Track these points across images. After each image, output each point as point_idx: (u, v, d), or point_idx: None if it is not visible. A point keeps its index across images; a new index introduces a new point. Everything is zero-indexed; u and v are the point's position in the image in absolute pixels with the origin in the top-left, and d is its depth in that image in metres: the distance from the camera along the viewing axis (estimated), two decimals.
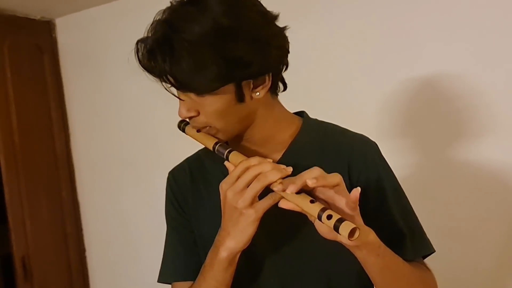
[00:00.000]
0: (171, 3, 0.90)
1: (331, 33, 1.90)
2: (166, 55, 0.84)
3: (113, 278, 2.52)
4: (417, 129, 1.80)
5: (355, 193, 0.80)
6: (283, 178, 0.83)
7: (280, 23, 0.92)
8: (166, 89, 0.89)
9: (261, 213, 0.85)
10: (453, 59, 1.70)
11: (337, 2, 1.89)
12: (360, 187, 0.81)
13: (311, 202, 0.80)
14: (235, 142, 0.97)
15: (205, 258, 0.92)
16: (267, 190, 0.85)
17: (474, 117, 1.69)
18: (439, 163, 1.76)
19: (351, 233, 0.76)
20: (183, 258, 1.04)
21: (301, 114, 1.05)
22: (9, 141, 2.28)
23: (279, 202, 0.83)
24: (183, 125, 0.99)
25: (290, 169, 0.84)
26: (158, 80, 0.88)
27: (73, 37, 2.50)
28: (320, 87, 1.93)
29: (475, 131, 1.69)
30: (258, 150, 0.98)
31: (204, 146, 0.98)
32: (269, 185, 0.83)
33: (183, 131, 0.99)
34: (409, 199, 1.02)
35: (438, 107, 1.75)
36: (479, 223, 1.71)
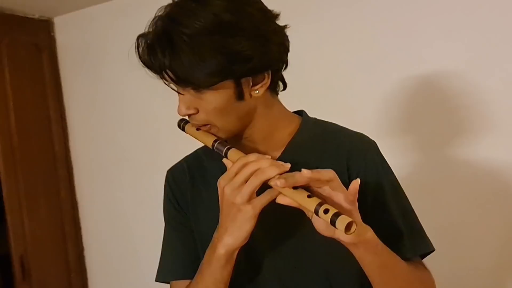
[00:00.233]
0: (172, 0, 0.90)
1: (330, 33, 1.90)
2: (165, 49, 0.84)
3: (112, 277, 2.52)
4: (416, 128, 1.80)
5: (355, 185, 0.80)
6: (281, 174, 0.82)
7: (280, 22, 0.92)
8: (166, 84, 0.89)
9: (259, 209, 0.85)
10: (452, 58, 1.70)
11: (336, 1, 1.89)
12: (359, 186, 0.81)
13: (308, 197, 0.80)
14: (234, 140, 0.97)
15: (204, 256, 0.92)
16: (266, 188, 0.84)
17: (473, 116, 1.69)
18: (438, 161, 1.76)
19: (348, 227, 0.76)
20: (181, 256, 1.03)
21: (300, 113, 1.05)
22: (8, 140, 2.27)
23: (277, 197, 0.83)
24: (182, 124, 0.99)
25: (288, 165, 0.84)
26: (158, 76, 0.89)
27: (72, 36, 2.50)
28: (319, 86, 1.93)
29: (474, 129, 1.70)
30: (257, 148, 0.98)
31: (203, 144, 0.98)
32: (267, 181, 0.83)
33: (183, 129, 0.99)
34: (408, 197, 1.02)
35: (437, 106, 1.75)
36: (478, 222, 1.71)
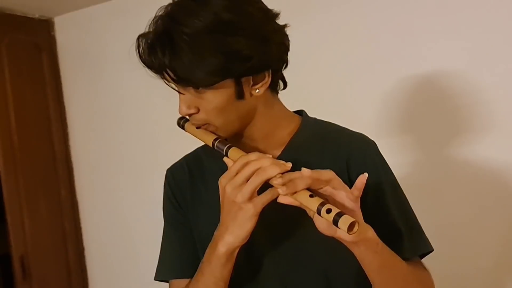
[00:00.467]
0: None
1: (329, 32, 1.90)
2: (166, 48, 0.85)
3: (112, 277, 2.52)
4: (416, 128, 1.80)
5: (362, 179, 0.81)
6: (282, 173, 0.82)
7: (280, 22, 0.93)
8: (166, 83, 0.90)
9: (260, 208, 0.84)
10: (452, 57, 1.71)
11: (336, 1, 1.89)
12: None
13: (310, 196, 0.80)
14: (235, 139, 0.97)
15: (203, 255, 0.92)
16: (267, 187, 0.84)
17: (473, 115, 1.69)
18: (438, 161, 1.76)
19: (350, 227, 0.75)
20: (180, 255, 1.03)
21: (300, 113, 1.05)
22: (8, 140, 2.28)
23: (278, 197, 0.83)
24: (182, 122, 0.99)
25: (289, 164, 0.84)
26: (158, 76, 0.89)
27: (72, 36, 2.50)
28: (319, 86, 1.93)
29: (474, 129, 1.70)
30: (257, 146, 0.98)
31: (203, 143, 0.98)
32: (268, 180, 0.83)
33: (183, 128, 0.99)
34: (407, 197, 1.03)
35: (437, 105, 1.75)
36: (478, 222, 1.71)
